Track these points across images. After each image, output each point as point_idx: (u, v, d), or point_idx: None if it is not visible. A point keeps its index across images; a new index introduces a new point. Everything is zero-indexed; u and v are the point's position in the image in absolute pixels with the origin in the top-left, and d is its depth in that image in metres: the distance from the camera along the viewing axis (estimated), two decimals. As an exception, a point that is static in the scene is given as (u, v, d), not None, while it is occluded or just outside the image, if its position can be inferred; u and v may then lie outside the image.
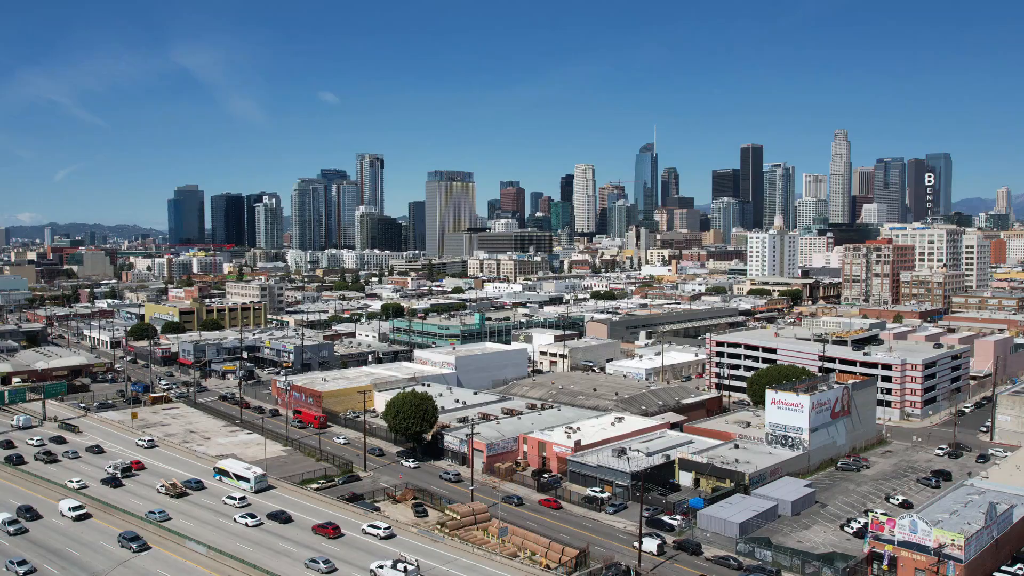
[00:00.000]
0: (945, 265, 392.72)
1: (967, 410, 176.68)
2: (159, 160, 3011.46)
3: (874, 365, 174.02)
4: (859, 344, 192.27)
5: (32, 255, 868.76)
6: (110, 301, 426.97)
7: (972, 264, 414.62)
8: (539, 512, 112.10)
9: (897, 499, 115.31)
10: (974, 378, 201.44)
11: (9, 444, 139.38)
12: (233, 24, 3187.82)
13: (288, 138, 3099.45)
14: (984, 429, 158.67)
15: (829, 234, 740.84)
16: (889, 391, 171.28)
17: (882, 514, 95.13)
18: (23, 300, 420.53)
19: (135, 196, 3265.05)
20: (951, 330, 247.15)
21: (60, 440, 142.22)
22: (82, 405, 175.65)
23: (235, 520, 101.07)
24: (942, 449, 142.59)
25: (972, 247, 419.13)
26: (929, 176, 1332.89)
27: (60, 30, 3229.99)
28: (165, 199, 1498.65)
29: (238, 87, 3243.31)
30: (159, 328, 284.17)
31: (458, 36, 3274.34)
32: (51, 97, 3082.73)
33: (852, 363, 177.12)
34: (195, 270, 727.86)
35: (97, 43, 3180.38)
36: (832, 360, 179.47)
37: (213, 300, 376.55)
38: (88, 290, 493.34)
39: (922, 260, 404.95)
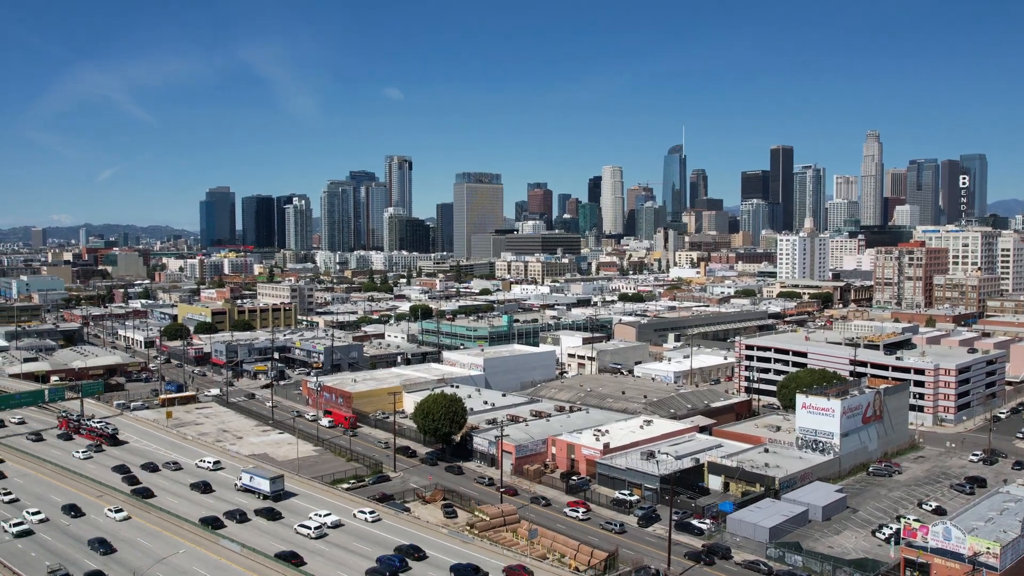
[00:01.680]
0: (980, 268, 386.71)
1: (1003, 416, 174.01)
2: (193, 161, 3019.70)
3: (906, 370, 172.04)
4: (891, 348, 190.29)
5: (68, 256, 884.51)
6: (144, 301, 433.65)
7: (1008, 267, 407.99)
8: (568, 514, 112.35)
9: (930, 505, 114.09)
10: (1010, 383, 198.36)
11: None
12: (304, 19, 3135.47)
13: (326, 138, 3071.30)
14: (1021, 435, 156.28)
15: (860, 236, 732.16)
16: (922, 396, 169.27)
17: (915, 520, 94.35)
18: (60, 300, 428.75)
19: (168, 198, 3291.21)
20: (986, 334, 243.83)
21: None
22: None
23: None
24: (976, 455, 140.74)
25: (1008, 250, 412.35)
26: (963, 178, 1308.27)
27: (128, 26, 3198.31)
28: (197, 201, 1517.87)
29: (298, 83, 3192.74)
30: (192, 328, 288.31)
31: (485, 39, 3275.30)
32: (105, 93, 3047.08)
33: (884, 367, 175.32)
34: (226, 271, 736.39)
35: (163, 38, 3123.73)
36: (864, 364, 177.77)
37: (244, 301, 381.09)
38: (122, 290, 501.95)
39: (956, 263, 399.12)
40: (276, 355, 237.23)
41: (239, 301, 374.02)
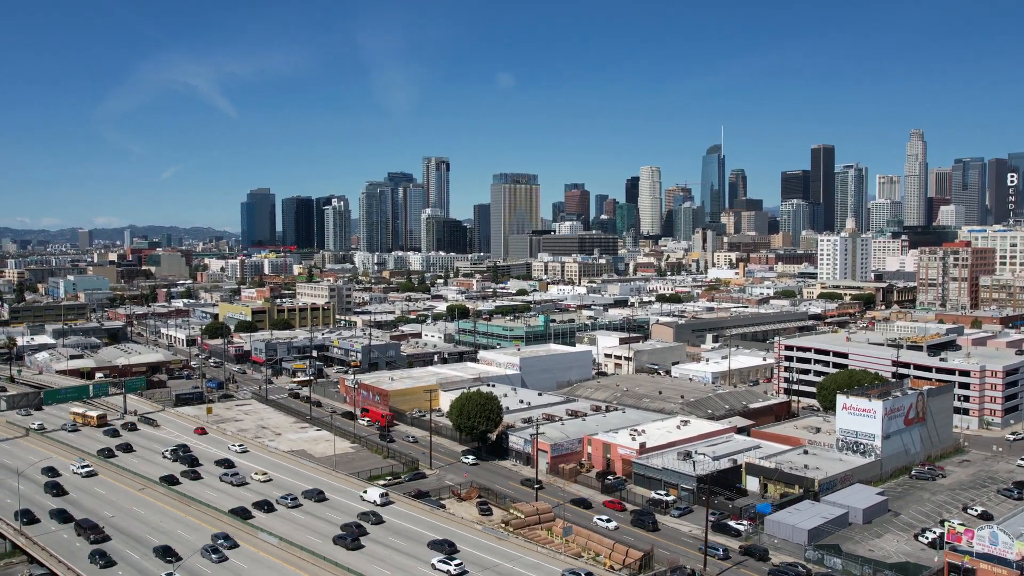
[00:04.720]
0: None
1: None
2: (241, 162, 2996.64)
3: (951, 371, 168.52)
4: (935, 350, 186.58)
5: (113, 256, 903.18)
6: (186, 301, 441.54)
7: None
8: (603, 513, 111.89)
9: (976, 510, 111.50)
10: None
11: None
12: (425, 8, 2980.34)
13: (409, 132, 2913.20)
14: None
15: (904, 237, 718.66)
16: (967, 398, 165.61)
17: (959, 524, 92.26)
18: (105, 299, 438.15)
19: (210, 199, 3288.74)
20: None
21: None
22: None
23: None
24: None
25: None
26: (1012, 176, 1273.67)
27: (243, 8, 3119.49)
28: (238, 202, 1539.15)
29: (402, 71, 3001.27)
30: (232, 327, 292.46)
31: (522, 41, 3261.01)
32: (189, 80, 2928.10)
33: (928, 369, 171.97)
34: (266, 271, 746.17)
35: (278, 23, 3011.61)
36: (906, 366, 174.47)
37: (284, 300, 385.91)
38: (165, 290, 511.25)
39: (1003, 264, 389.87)
40: (315, 353, 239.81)
41: (279, 300, 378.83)
